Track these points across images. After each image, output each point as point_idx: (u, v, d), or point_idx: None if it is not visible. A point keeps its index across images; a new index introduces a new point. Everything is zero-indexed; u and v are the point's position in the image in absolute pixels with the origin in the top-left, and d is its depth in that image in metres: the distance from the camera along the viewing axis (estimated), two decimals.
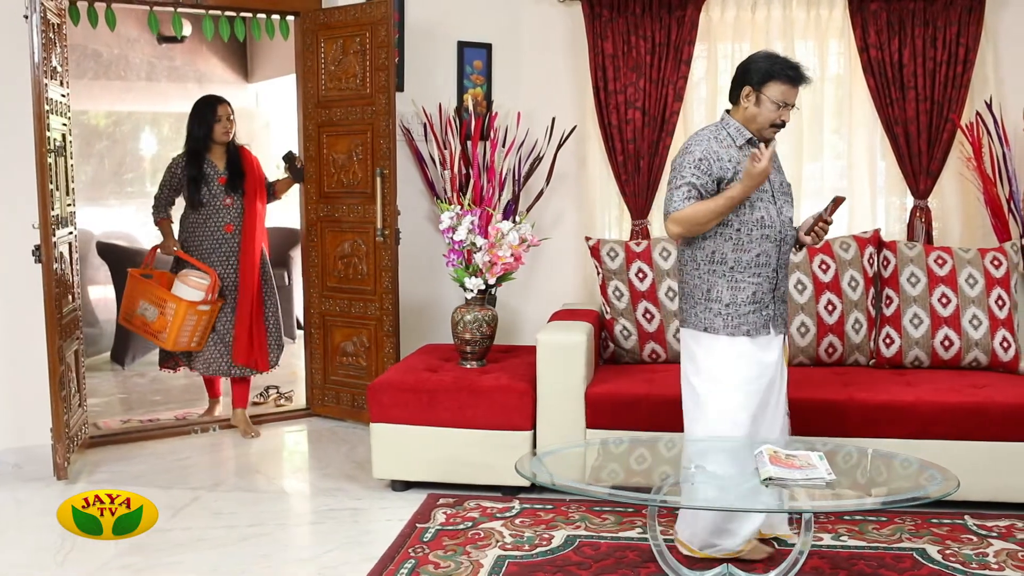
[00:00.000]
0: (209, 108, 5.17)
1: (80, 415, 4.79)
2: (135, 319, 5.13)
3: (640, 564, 3.50)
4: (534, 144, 5.57)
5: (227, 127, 5.17)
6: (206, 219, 5.17)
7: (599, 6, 5.41)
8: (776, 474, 3.01)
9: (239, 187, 5.19)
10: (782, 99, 3.37)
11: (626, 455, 3.67)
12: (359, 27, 5.09)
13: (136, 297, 5.12)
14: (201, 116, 5.16)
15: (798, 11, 5.43)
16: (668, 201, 3.42)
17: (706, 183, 3.36)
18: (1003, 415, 3.95)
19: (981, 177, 5.15)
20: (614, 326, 4.63)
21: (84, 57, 7.19)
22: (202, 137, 5.15)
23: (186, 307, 5.00)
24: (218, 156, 5.19)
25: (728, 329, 3.41)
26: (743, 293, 3.41)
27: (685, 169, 3.40)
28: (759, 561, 3.50)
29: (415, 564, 3.53)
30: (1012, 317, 4.38)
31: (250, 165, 5.28)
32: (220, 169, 5.17)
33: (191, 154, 5.15)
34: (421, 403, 4.25)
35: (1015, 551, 3.60)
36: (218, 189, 5.15)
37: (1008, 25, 5.25)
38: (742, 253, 3.39)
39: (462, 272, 4.46)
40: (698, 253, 3.46)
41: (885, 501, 3.19)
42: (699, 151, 3.40)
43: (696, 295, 3.47)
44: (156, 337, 5.13)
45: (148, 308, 5.07)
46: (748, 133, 3.44)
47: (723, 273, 3.42)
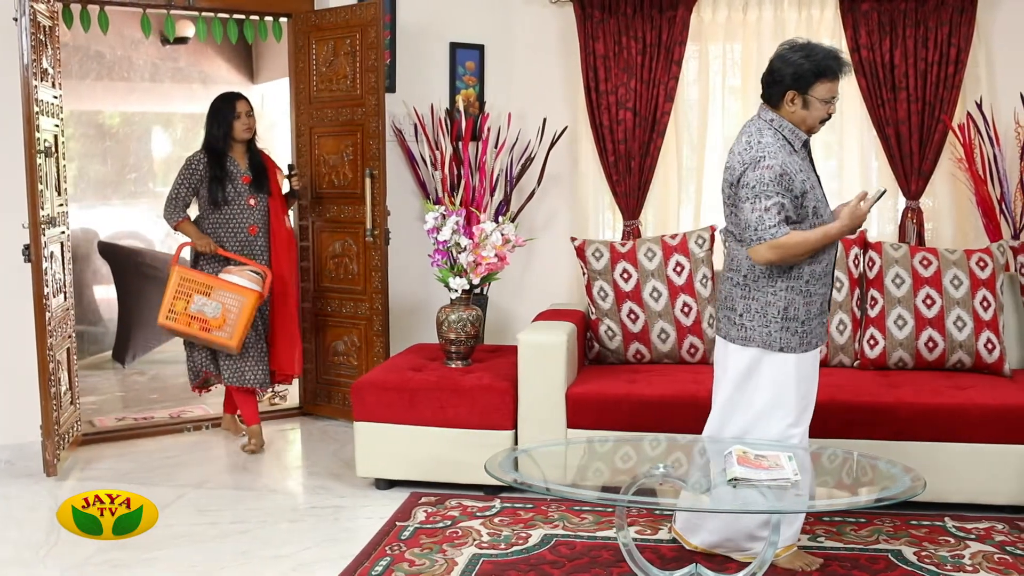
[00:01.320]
0: (227, 105, 4.89)
1: (71, 412, 4.84)
2: (181, 318, 4.70)
3: (613, 563, 3.51)
4: (526, 145, 5.59)
5: (247, 124, 4.89)
6: (229, 219, 4.88)
7: (590, 7, 5.43)
8: (742, 474, 3.02)
9: (264, 187, 4.94)
10: (830, 95, 3.21)
11: (598, 455, 3.69)
12: (349, 29, 5.13)
13: (189, 293, 4.70)
14: (219, 114, 4.89)
15: (790, 12, 5.43)
16: (759, 225, 3.17)
17: (791, 200, 3.19)
18: (984, 417, 3.93)
19: (972, 178, 5.13)
20: (599, 326, 4.64)
21: (87, 58, 7.27)
22: (222, 136, 4.86)
23: (256, 299, 4.71)
24: (239, 155, 4.92)
25: (804, 347, 3.31)
26: (814, 306, 3.31)
27: (769, 187, 3.16)
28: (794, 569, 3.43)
29: (390, 561, 3.56)
30: (997, 319, 4.36)
31: (271, 167, 5.04)
32: (243, 168, 4.91)
33: (211, 153, 4.85)
34: (404, 402, 4.28)
35: (991, 553, 3.59)
36: (243, 188, 4.88)
37: (1000, 25, 5.24)
38: (816, 264, 3.29)
39: (447, 272, 4.48)
40: (775, 269, 3.27)
41: (850, 503, 3.18)
42: (778, 166, 3.17)
43: (770, 313, 3.29)
44: (212, 334, 4.70)
45: (208, 304, 4.67)
46: (803, 135, 3.27)
47: (800, 289, 3.28)
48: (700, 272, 4.60)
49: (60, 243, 4.76)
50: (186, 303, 4.69)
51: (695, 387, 4.17)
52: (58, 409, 4.56)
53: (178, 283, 4.71)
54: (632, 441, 3.76)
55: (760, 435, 3.34)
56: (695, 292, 4.58)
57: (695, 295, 4.58)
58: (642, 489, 3.07)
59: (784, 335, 3.31)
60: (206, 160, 4.84)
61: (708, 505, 3.20)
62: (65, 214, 4.86)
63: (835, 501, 3.24)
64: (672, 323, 4.57)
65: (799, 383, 3.34)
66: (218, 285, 4.69)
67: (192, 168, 4.86)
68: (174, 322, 4.71)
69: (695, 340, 4.59)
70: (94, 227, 7.56)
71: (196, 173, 4.85)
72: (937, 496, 3.95)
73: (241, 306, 4.66)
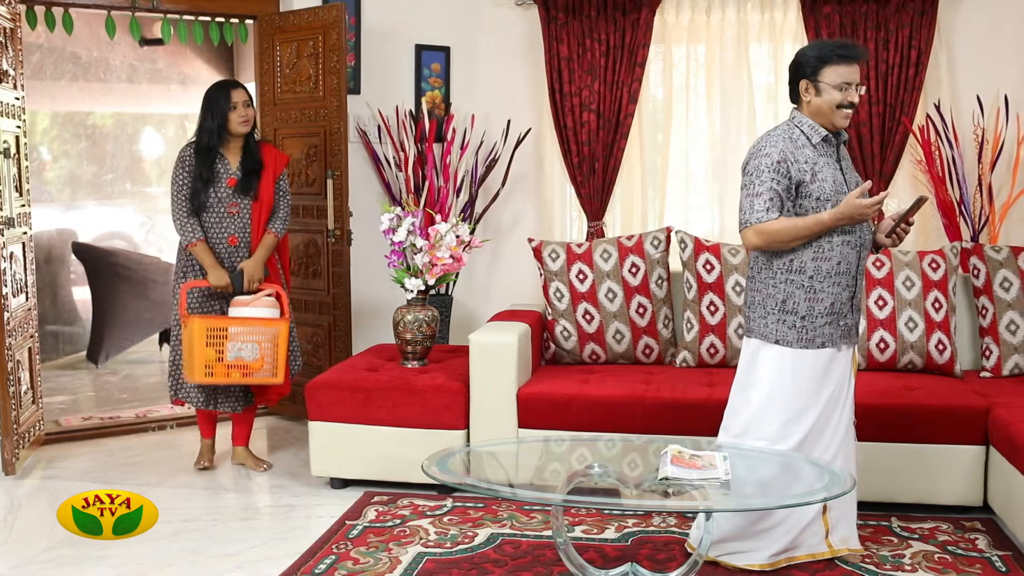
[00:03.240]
0: (223, 94, 4.44)
1: (33, 412, 4.87)
2: (218, 369, 4.29)
3: (555, 562, 3.53)
4: (493, 146, 5.62)
5: (245, 115, 4.43)
6: (207, 228, 4.46)
7: (555, 9, 5.46)
8: (673, 474, 3.05)
9: (251, 190, 4.47)
10: (841, 80, 3.23)
11: (542, 454, 3.72)
12: (312, 31, 5.16)
13: (221, 341, 4.28)
14: (213, 104, 4.43)
15: (752, 14, 5.45)
16: (748, 209, 3.26)
17: (787, 187, 3.25)
18: (931, 418, 3.95)
19: (932, 180, 5.15)
20: (555, 327, 4.67)
21: (62, 59, 7.30)
22: (216, 129, 4.41)
23: (287, 327, 4.40)
24: (233, 152, 4.49)
25: (801, 342, 3.30)
26: (821, 304, 3.29)
27: (764, 174, 3.24)
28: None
29: (335, 560, 3.59)
30: (949, 320, 4.38)
31: (268, 164, 4.55)
32: (233, 167, 4.47)
33: (201, 150, 4.43)
34: (357, 402, 4.30)
35: (932, 553, 3.61)
36: (225, 193, 4.45)
37: (961, 28, 5.26)
38: (822, 262, 3.28)
39: (402, 273, 4.51)
40: (775, 261, 3.33)
41: (778, 502, 3.20)
42: (776, 153, 3.26)
43: (769, 305, 3.34)
44: (255, 376, 4.36)
45: (245, 347, 4.29)
46: (822, 130, 3.30)
47: (801, 283, 3.29)
48: (655, 273, 4.63)
49: (22, 244, 4.79)
50: (219, 353, 4.28)
51: (645, 388, 4.20)
52: (18, 408, 4.59)
53: (205, 337, 4.27)
54: (581, 441, 3.77)
55: (758, 434, 3.34)
56: (650, 293, 4.61)
57: (650, 296, 4.61)
58: (581, 488, 3.10)
59: (780, 328, 3.33)
60: (193, 153, 4.45)
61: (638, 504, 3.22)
62: (28, 215, 4.89)
63: (754, 501, 3.25)
64: (627, 324, 4.60)
65: (796, 380, 3.32)
66: (244, 324, 4.32)
67: (182, 163, 4.46)
68: (212, 376, 4.32)
69: (650, 341, 4.61)
70: (77, 228, 7.63)
71: (188, 169, 4.45)
72: (885, 496, 3.99)
73: (275, 340, 4.34)
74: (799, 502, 3.07)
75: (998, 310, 4.38)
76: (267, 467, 4.70)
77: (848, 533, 3.50)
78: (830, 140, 3.34)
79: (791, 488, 3.18)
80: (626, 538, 3.76)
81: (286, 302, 4.51)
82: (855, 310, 3.39)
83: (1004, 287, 4.39)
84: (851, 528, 3.52)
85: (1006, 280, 4.39)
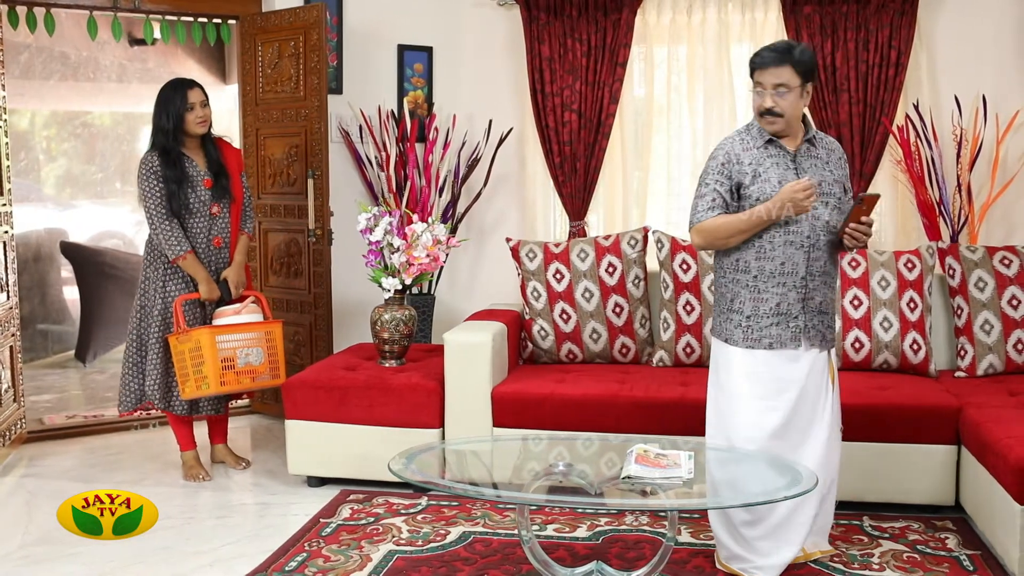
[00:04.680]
0: (178, 93, 4.31)
1: (14, 410, 4.89)
2: (229, 377, 4.30)
3: (524, 560, 3.54)
4: (476, 146, 5.64)
5: (202, 115, 4.32)
6: (190, 232, 4.36)
7: (536, 9, 5.47)
8: (636, 473, 3.07)
9: (226, 191, 4.43)
10: (758, 86, 3.26)
11: (512, 453, 3.74)
12: (293, 31, 5.18)
13: (232, 349, 4.30)
14: (168, 104, 4.31)
15: (733, 15, 5.46)
16: (692, 210, 3.33)
17: (729, 188, 3.29)
18: (903, 417, 3.96)
19: (912, 180, 5.16)
20: (532, 326, 4.68)
21: (51, 59, 7.33)
22: (172, 130, 4.29)
23: (280, 327, 4.52)
24: (195, 152, 4.39)
25: (747, 342, 3.31)
26: (766, 304, 3.29)
27: (709, 175, 3.32)
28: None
29: (306, 557, 3.61)
30: (924, 320, 4.39)
31: (231, 162, 4.50)
32: (203, 169, 4.38)
33: (163, 152, 4.30)
34: (333, 400, 4.32)
35: (900, 552, 3.63)
36: (204, 194, 4.36)
37: (942, 29, 5.26)
38: (766, 261, 3.28)
39: (379, 272, 4.53)
40: (724, 260, 3.38)
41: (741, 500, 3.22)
42: (722, 155, 3.32)
43: (721, 304, 3.40)
44: (258, 380, 4.43)
45: (251, 352, 4.36)
46: (767, 134, 3.31)
47: (746, 283, 3.31)
48: (632, 273, 4.64)
49: (3, 243, 4.81)
50: (229, 362, 4.30)
51: (619, 387, 4.21)
52: None
53: (215, 347, 4.25)
54: (559, 440, 3.80)
55: (734, 436, 3.33)
56: (627, 293, 4.62)
57: (627, 296, 4.62)
58: (545, 487, 3.12)
59: (728, 326, 3.36)
60: (159, 160, 4.30)
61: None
62: (10, 214, 4.91)
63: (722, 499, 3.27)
64: (604, 323, 4.61)
65: (747, 380, 3.32)
66: (249, 329, 4.36)
67: (152, 171, 4.30)
68: (225, 386, 4.32)
69: (627, 340, 4.63)
70: (73, 227, 7.67)
71: (159, 176, 4.30)
72: (857, 496, 4.00)
73: (273, 342, 4.44)
74: (752, 502, 3.09)
75: (973, 310, 4.39)
76: (246, 464, 4.73)
77: (819, 537, 3.52)
78: (774, 142, 3.32)
79: (749, 488, 3.20)
80: (597, 536, 3.78)
81: (267, 305, 4.59)
82: (811, 312, 3.31)
83: (979, 287, 4.40)
84: (824, 532, 3.54)
85: (981, 280, 4.40)
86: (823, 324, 3.36)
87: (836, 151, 3.41)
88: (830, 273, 3.37)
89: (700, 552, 3.62)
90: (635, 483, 3.05)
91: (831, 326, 3.40)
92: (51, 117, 7.75)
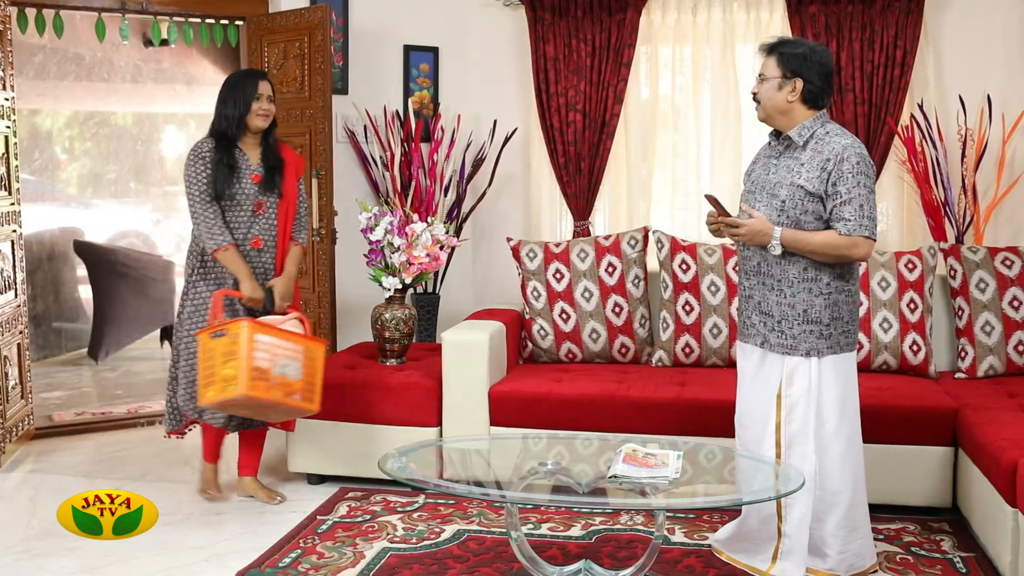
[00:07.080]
0: (250, 82, 4.06)
1: (22, 407, 4.96)
2: (259, 384, 3.68)
3: (515, 559, 3.56)
4: (481, 146, 5.66)
5: (266, 108, 4.06)
6: (228, 227, 4.04)
7: (541, 10, 5.49)
8: (623, 472, 3.08)
9: (275, 189, 4.10)
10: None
11: (503, 451, 3.76)
12: (298, 32, 5.22)
13: (271, 355, 3.73)
14: (237, 91, 4.05)
15: (738, 14, 5.45)
16: None
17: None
18: (901, 419, 3.94)
19: (917, 180, 5.13)
20: (532, 325, 4.70)
21: (65, 60, 7.41)
22: (236, 118, 4.02)
23: (324, 351, 3.99)
24: (251, 147, 4.11)
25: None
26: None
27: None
28: None
29: (300, 553, 3.64)
30: (924, 321, 4.37)
31: (289, 164, 4.19)
32: (254, 164, 4.09)
33: (219, 139, 4.04)
34: (334, 399, 4.34)
35: (895, 553, 3.62)
36: (251, 188, 4.05)
37: (948, 28, 5.23)
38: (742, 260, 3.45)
39: (380, 272, 4.55)
40: None
41: (731, 500, 3.22)
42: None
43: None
44: (291, 399, 3.79)
45: (289, 364, 3.77)
46: (770, 129, 3.41)
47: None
48: (632, 273, 4.65)
49: (11, 241, 4.88)
50: (266, 373, 3.72)
51: (616, 387, 4.22)
52: (4, 403, 4.68)
53: (254, 344, 3.69)
54: (558, 439, 3.80)
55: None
56: (627, 292, 4.63)
57: (627, 295, 4.63)
58: (533, 486, 3.14)
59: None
60: (213, 145, 4.03)
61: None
62: (17, 213, 4.97)
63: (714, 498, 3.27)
64: (603, 323, 4.62)
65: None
66: (293, 339, 3.83)
67: (200, 157, 4.01)
68: (256, 391, 3.69)
69: (626, 340, 4.63)
70: (92, 226, 7.78)
71: (206, 162, 4.00)
72: None
73: (313, 362, 3.87)
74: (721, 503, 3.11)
75: (974, 311, 4.36)
76: (280, 500, 4.25)
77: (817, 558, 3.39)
78: (778, 136, 3.36)
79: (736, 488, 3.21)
80: (591, 536, 3.78)
81: (310, 329, 4.08)
82: (749, 310, 3.37)
83: (980, 288, 4.37)
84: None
85: (982, 281, 4.37)
86: (765, 326, 3.31)
87: (825, 154, 3.18)
88: (771, 275, 3.29)
89: (693, 552, 3.62)
90: (621, 482, 3.06)
91: (783, 331, 3.26)
92: (73, 117, 7.85)
